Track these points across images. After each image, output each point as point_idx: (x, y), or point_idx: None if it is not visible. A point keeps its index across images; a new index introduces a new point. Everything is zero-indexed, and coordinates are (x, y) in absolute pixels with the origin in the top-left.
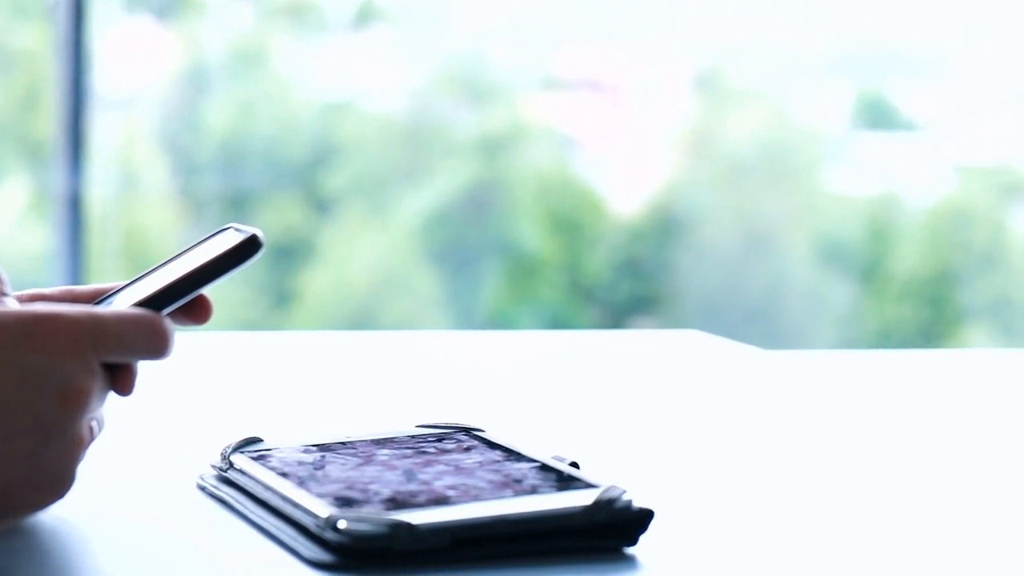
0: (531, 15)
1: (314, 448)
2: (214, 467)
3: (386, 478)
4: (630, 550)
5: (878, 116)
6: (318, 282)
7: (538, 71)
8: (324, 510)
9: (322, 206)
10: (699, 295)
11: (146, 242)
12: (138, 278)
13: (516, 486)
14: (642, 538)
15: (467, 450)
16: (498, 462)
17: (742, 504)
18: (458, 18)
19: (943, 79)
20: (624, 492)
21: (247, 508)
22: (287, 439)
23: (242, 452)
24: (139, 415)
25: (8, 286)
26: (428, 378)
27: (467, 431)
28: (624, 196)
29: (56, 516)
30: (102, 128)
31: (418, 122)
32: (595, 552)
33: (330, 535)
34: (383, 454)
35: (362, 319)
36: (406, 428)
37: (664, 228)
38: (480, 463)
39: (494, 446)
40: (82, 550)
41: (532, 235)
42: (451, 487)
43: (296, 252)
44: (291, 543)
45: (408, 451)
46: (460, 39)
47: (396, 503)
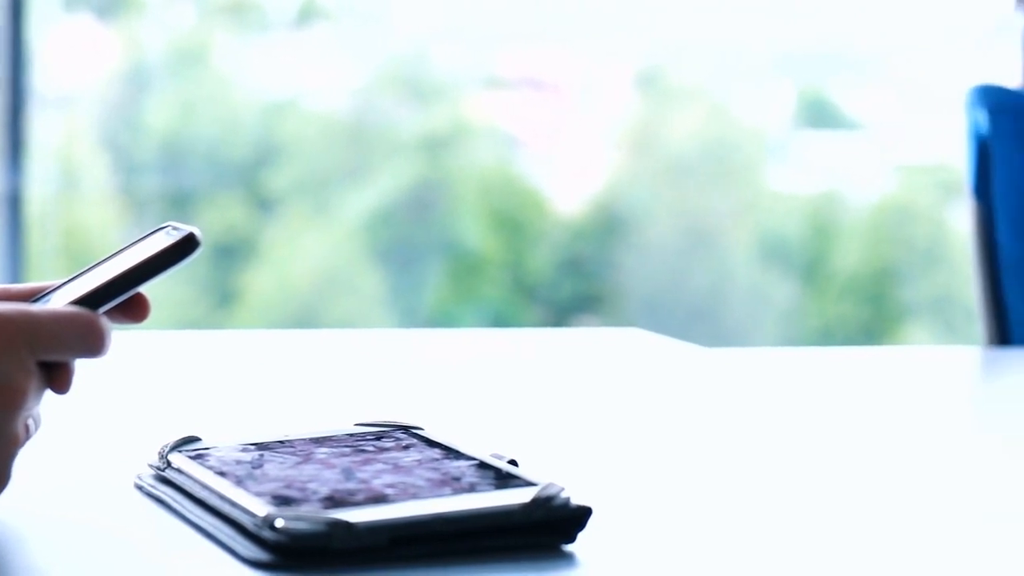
0: (473, 14)
1: (252, 447)
2: (151, 466)
3: (324, 477)
4: (568, 547)
5: (820, 115)
6: (261, 281)
7: (481, 70)
8: (262, 509)
9: (265, 205)
10: (642, 293)
11: (86, 241)
12: (75, 276)
13: (454, 484)
14: (580, 535)
15: (406, 448)
16: (437, 460)
17: (680, 501)
18: (400, 17)
19: (885, 79)
20: (562, 490)
21: (185, 507)
22: (225, 438)
23: (180, 451)
24: (76, 414)
25: None
26: (370, 377)
27: (406, 429)
28: (567, 195)
29: None
30: (42, 126)
31: (361, 121)
32: (534, 550)
33: (268, 534)
34: (322, 453)
35: (305, 318)
36: (345, 427)
37: (607, 226)
38: (419, 461)
39: (433, 444)
40: (17, 549)
41: (475, 234)
42: (389, 485)
43: (239, 251)
44: (229, 542)
45: (347, 449)
46: (402, 38)
47: (334, 502)
